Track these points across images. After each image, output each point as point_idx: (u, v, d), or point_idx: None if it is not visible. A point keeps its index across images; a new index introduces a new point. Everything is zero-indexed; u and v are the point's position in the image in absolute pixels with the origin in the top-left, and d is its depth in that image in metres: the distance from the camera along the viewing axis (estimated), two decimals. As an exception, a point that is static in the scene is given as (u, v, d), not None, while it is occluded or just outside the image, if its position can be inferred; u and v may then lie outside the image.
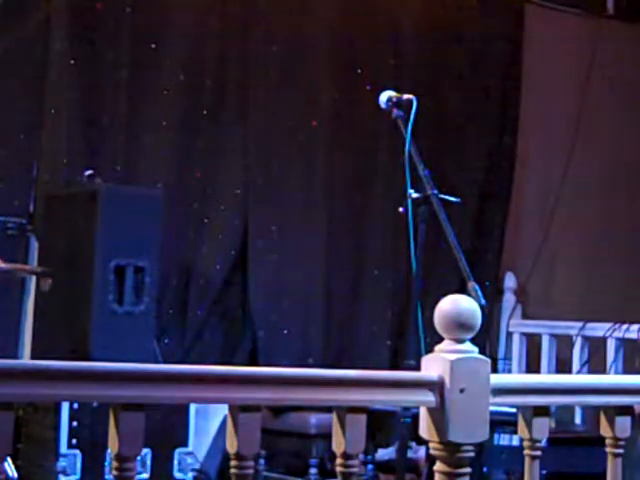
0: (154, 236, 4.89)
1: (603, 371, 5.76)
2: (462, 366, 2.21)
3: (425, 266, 3.55)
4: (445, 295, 2.27)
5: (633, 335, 5.69)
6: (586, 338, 6.03)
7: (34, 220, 5.22)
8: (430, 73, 6.32)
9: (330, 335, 5.97)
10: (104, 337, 4.62)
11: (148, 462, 4.72)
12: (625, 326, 5.74)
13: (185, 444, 4.93)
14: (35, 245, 5.19)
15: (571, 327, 6.11)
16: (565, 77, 6.86)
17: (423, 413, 2.25)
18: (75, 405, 4.51)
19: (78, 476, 4.55)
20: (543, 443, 2.43)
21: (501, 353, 6.53)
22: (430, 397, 2.21)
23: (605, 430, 2.52)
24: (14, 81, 5.25)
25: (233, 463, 2.10)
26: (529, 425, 2.41)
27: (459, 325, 2.22)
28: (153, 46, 5.58)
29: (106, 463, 4.51)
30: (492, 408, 2.27)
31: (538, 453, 2.42)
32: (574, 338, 6.06)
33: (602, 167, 6.94)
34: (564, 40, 6.87)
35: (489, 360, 2.26)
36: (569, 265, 6.87)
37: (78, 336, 4.65)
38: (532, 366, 6.34)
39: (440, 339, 2.26)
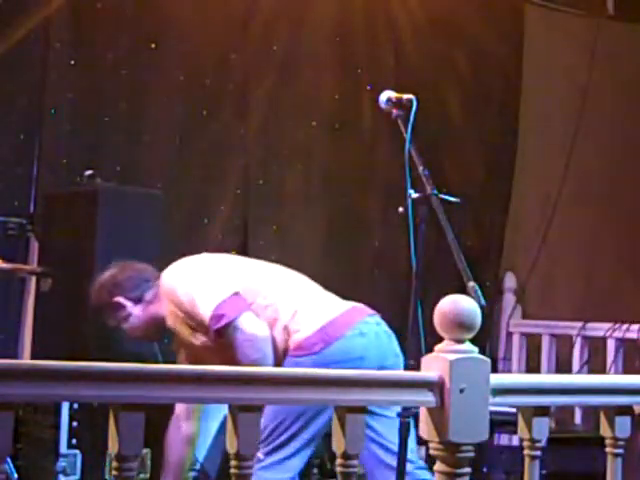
0: (154, 236, 4.89)
1: (603, 371, 5.76)
2: (462, 366, 2.21)
3: (425, 266, 3.55)
4: (445, 295, 2.27)
5: (633, 335, 5.69)
6: (586, 338, 6.03)
7: (34, 220, 5.22)
8: (430, 73, 6.32)
9: (330, 335, 5.96)
10: (104, 337, 4.62)
11: (148, 462, 4.72)
12: (625, 326, 5.74)
13: (185, 444, 4.92)
14: (35, 245, 5.19)
15: (571, 327, 6.11)
16: (565, 77, 6.86)
17: (423, 413, 2.25)
18: (75, 405, 4.51)
19: (78, 476, 4.55)
20: (543, 443, 2.43)
21: (501, 353, 6.53)
22: (430, 397, 2.21)
23: (605, 430, 2.52)
24: (14, 81, 5.25)
25: (233, 463, 2.10)
26: (529, 425, 2.41)
27: (459, 325, 2.22)
28: (153, 46, 5.59)
29: (106, 463, 4.51)
30: (492, 408, 2.27)
31: (538, 453, 2.42)
32: (574, 338, 6.06)
33: (602, 167, 6.94)
34: (564, 40, 6.87)
35: (489, 360, 2.26)
36: (569, 265, 6.87)
37: (78, 336, 4.65)
38: (532, 366, 6.34)
39: (440, 339, 2.26)
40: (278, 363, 3.59)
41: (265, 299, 3.65)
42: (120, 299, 3.87)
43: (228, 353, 3.53)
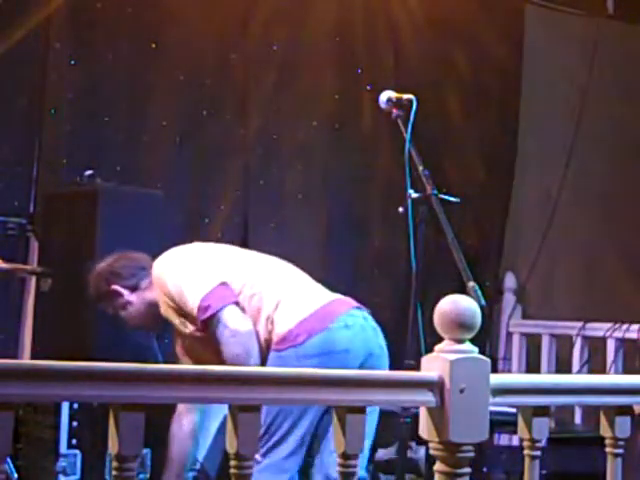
0: (154, 236, 4.88)
1: (603, 371, 5.76)
2: (462, 366, 2.21)
3: (425, 266, 3.56)
4: (445, 295, 2.27)
5: (633, 335, 5.69)
6: (586, 338, 6.03)
7: (34, 220, 5.22)
8: (430, 73, 6.32)
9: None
10: (104, 337, 4.62)
11: (148, 462, 4.72)
12: (625, 326, 5.74)
13: (185, 444, 4.91)
14: (35, 245, 5.19)
15: (571, 327, 6.11)
16: (565, 77, 6.86)
17: (423, 413, 2.25)
18: (75, 405, 4.51)
19: (78, 476, 4.55)
20: (543, 443, 2.43)
21: (501, 353, 6.53)
22: (430, 397, 2.21)
23: (605, 430, 2.52)
24: (14, 81, 5.25)
25: (233, 463, 2.10)
26: (529, 425, 2.41)
27: (459, 325, 2.22)
28: (153, 46, 5.59)
29: (106, 463, 4.51)
30: (492, 408, 2.27)
31: (538, 453, 2.42)
32: (574, 338, 6.06)
33: (602, 167, 6.94)
34: (564, 40, 6.87)
35: (489, 360, 2.25)
36: (569, 265, 6.87)
37: (78, 336, 4.65)
38: (532, 366, 6.34)
39: (440, 339, 2.25)
40: (262, 355, 3.58)
41: (251, 288, 3.64)
42: (117, 287, 3.89)
43: (215, 344, 3.55)
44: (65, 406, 4.49)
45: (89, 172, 4.92)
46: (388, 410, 3.95)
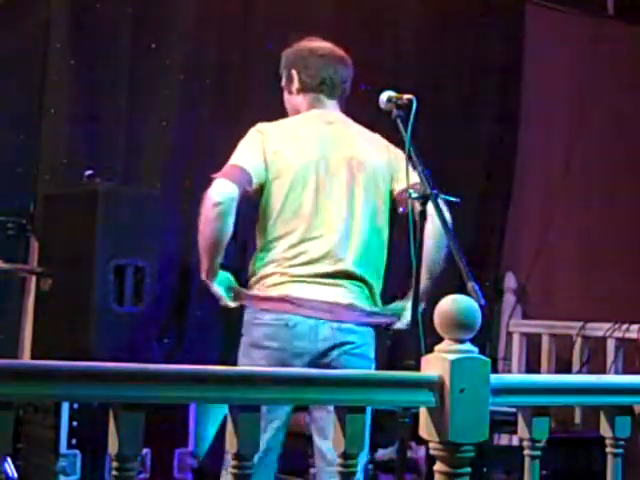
0: (154, 236, 4.89)
1: (603, 371, 5.76)
2: (462, 366, 2.21)
3: (425, 266, 3.55)
4: (445, 295, 2.27)
5: (633, 335, 5.69)
6: (586, 338, 6.03)
7: (34, 220, 5.22)
8: (430, 73, 6.32)
9: (330, 335, 5.95)
10: (104, 337, 4.62)
11: (148, 462, 4.72)
12: (625, 326, 5.74)
13: (185, 444, 4.93)
14: (35, 245, 5.19)
15: (571, 327, 6.11)
16: (565, 77, 6.86)
17: (423, 413, 2.25)
18: (75, 405, 4.51)
19: (78, 476, 4.55)
20: (543, 443, 2.43)
21: (501, 353, 6.53)
22: (430, 397, 2.21)
23: (605, 430, 2.52)
24: (14, 81, 5.25)
25: (233, 463, 2.10)
26: (529, 425, 2.41)
27: (459, 325, 2.22)
28: (153, 46, 5.59)
29: (106, 463, 4.51)
30: (492, 408, 2.27)
31: (538, 453, 2.42)
32: (574, 338, 6.06)
33: (602, 167, 6.94)
34: (564, 40, 6.87)
35: (489, 360, 2.25)
36: (569, 265, 6.87)
37: (78, 336, 4.65)
38: (532, 366, 6.34)
39: (440, 339, 2.25)
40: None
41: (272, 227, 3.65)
42: (293, 72, 3.88)
43: None
44: (65, 406, 4.50)
45: (89, 172, 4.92)
46: (388, 410, 3.95)
